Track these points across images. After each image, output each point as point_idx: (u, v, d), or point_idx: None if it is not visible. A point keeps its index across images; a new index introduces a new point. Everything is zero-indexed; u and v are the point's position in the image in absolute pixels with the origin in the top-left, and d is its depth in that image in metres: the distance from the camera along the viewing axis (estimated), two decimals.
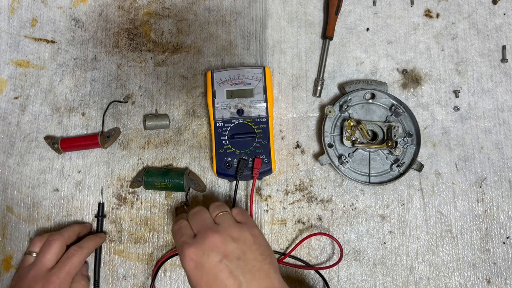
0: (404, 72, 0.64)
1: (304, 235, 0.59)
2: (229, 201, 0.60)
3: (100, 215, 0.59)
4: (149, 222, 0.60)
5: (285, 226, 0.60)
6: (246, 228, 0.47)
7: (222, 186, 0.61)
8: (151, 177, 0.57)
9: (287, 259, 0.58)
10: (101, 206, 0.59)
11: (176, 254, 0.58)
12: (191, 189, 0.59)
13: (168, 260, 0.58)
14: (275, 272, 0.46)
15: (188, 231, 0.48)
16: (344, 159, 0.59)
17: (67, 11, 0.66)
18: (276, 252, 0.58)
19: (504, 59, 0.65)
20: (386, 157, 0.60)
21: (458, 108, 0.63)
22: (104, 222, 0.59)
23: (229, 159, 0.58)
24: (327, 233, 0.59)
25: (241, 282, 0.43)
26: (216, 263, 0.44)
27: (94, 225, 0.60)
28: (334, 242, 0.58)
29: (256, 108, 0.59)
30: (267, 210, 0.60)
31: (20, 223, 0.60)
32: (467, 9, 0.66)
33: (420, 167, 0.59)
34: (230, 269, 0.43)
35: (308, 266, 0.58)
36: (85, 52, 0.64)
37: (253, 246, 0.46)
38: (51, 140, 0.61)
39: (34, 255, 0.54)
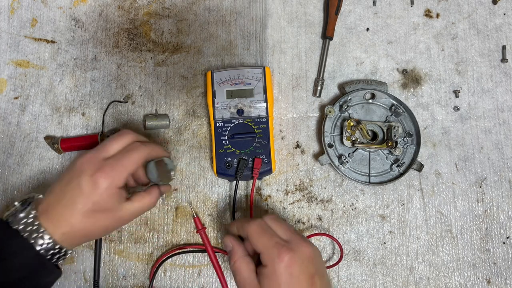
0: (404, 72, 0.64)
1: (304, 235, 0.59)
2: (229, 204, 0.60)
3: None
4: (149, 222, 0.60)
5: None
6: (317, 248, 0.48)
7: (222, 186, 0.61)
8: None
9: None
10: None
11: (174, 254, 0.58)
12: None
13: (168, 260, 0.58)
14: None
15: (277, 234, 0.46)
16: (344, 159, 0.59)
17: (67, 11, 0.66)
18: None
19: (504, 59, 0.65)
20: (386, 157, 0.60)
21: (458, 108, 0.63)
22: None
23: (229, 159, 0.58)
24: (327, 233, 0.59)
25: None
26: (311, 276, 0.44)
27: None
28: (334, 242, 0.58)
29: (256, 108, 0.59)
30: (267, 210, 0.60)
31: None
32: (467, 9, 0.66)
33: (420, 167, 0.59)
34: (319, 286, 0.44)
35: None
36: (85, 52, 0.64)
37: (325, 268, 0.48)
38: (51, 140, 0.61)
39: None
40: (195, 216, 0.58)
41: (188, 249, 0.58)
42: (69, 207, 0.44)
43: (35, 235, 0.43)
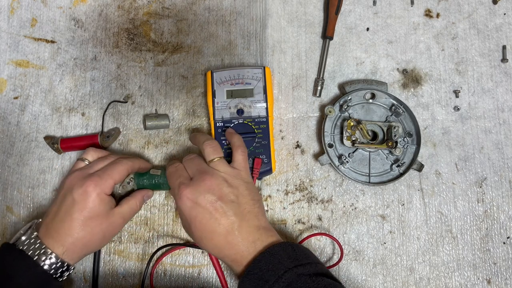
0: (404, 72, 0.64)
1: (304, 235, 0.59)
2: None
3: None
4: (149, 222, 0.59)
5: (285, 226, 0.60)
6: (239, 175, 0.51)
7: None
8: (142, 179, 0.57)
9: None
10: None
11: (168, 245, 0.58)
12: None
13: (168, 260, 0.58)
14: (263, 215, 0.51)
15: (184, 174, 0.52)
16: (344, 159, 0.59)
17: (67, 11, 0.66)
18: None
19: (504, 59, 0.65)
20: (386, 157, 0.60)
21: (458, 108, 0.63)
22: None
23: (229, 159, 0.57)
24: (327, 233, 0.59)
25: (233, 221, 0.48)
26: (211, 203, 0.48)
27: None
28: (334, 242, 0.58)
29: (256, 108, 0.59)
30: (267, 210, 0.60)
31: (20, 223, 0.60)
32: (467, 9, 0.66)
33: (420, 167, 0.59)
34: (224, 210, 0.48)
35: None
36: (85, 52, 0.64)
37: (245, 191, 0.50)
38: (51, 140, 0.60)
39: (87, 162, 0.55)
40: None
41: (178, 243, 0.58)
42: (66, 220, 0.49)
43: (38, 252, 0.48)
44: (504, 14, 0.66)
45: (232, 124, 0.58)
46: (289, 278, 0.44)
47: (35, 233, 0.50)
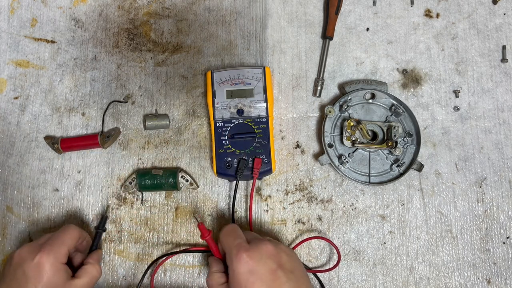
0: (404, 72, 0.64)
1: (304, 236, 0.59)
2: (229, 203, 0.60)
3: (100, 228, 0.57)
4: (149, 222, 0.60)
5: (285, 226, 0.60)
6: (290, 248, 0.50)
7: (222, 186, 0.61)
8: (144, 179, 0.57)
9: None
10: (104, 219, 0.58)
11: (174, 253, 0.58)
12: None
13: (168, 260, 0.58)
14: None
15: (243, 236, 0.49)
16: (344, 159, 0.59)
17: (67, 11, 0.66)
18: None
19: (504, 59, 0.65)
20: (386, 157, 0.60)
21: (458, 108, 0.63)
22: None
23: (229, 159, 0.57)
24: (324, 236, 0.59)
25: None
26: (272, 270, 0.44)
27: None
28: (333, 246, 0.58)
29: (256, 108, 0.59)
30: (267, 210, 0.60)
31: (20, 223, 0.60)
32: (467, 9, 0.66)
33: (420, 167, 0.59)
34: (284, 280, 0.44)
35: (306, 268, 0.58)
36: (85, 52, 0.64)
37: (300, 264, 0.49)
38: (51, 140, 0.61)
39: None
40: (199, 223, 0.53)
41: (188, 249, 0.58)
42: None
43: None
44: (504, 14, 0.66)
45: (232, 124, 0.58)
46: None
47: None
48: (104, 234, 0.59)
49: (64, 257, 0.48)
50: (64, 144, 0.60)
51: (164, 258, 0.57)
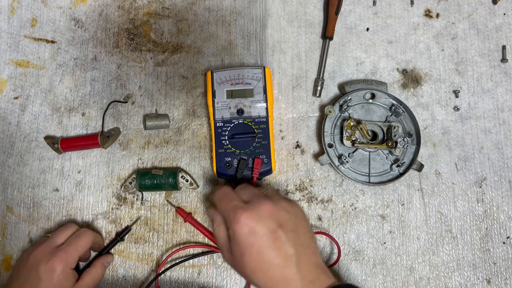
0: (404, 72, 0.64)
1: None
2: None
3: (120, 237, 0.58)
4: (149, 222, 0.60)
5: None
6: (295, 204, 0.48)
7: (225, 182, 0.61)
8: (144, 179, 0.57)
9: None
10: (128, 230, 0.59)
11: (180, 261, 0.58)
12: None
13: (168, 259, 0.58)
14: (319, 252, 0.46)
15: (238, 197, 0.47)
16: (344, 159, 0.59)
17: (67, 11, 0.66)
18: None
19: (504, 59, 0.65)
20: (386, 157, 0.60)
21: (458, 108, 0.63)
22: (104, 222, 0.59)
23: (229, 159, 0.57)
24: (326, 232, 0.59)
25: (292, 254, 0.43)
26: (272, 230, 0.43)
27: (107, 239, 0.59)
28: (334, 242, 0.58)
29: (256, 108, 0.59)
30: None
31: (20, 223, 0.60)
32: (467, 9, 0.66)
33: (420, 167, 0.59)
34: (284, 239, 0.43)
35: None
36: (85, 52, 0.64)
37: (303, 221, 0.46)
38: (51, 140, 0.61)
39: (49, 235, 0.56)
40: (176, 209, 0.59)
41: (196, 252, 0.58)
42: None
43: None
44: (504, 14, 0.66)
45: (232, 124, 0.58)
46: None
47: None
48: (104, 233, 0.59)
49: (74, 263, 0.51)
50: (64, 144, 0.60)
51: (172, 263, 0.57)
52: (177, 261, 0.58)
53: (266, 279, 0.43)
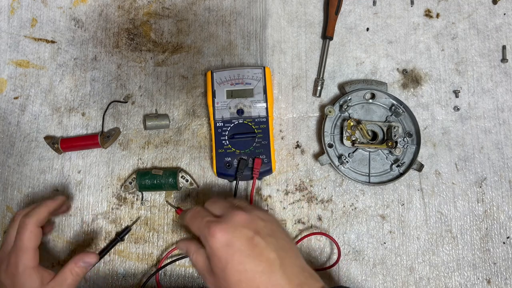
0: (404, 72, 0.64)
1: (304, 234, 0.59)
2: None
3: (120, 237, 0.58)
4: (149, 222, 0.60)
5: (285, 226, 0.60)
6: (267, 212, 0.48)
7: (222, 186, 0.61)
8: (144, 179, 0.57)
9: None
10: (128, 230, 0.58)
11: (180, 258, 0.58)
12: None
13: (168, 260, 0.58)
14: (301, 255, 0.46)
15: (209, 213, 0.47)
16: (344, 159, 0.59)
17: (67, 11, 0.66)
18: None
19: (504, 59, 0.65)
20: (386, 157, 0.60)
21: (458, 108, 0.63)
22: (104, 222, 0.59)
23: (229, 159, 0.57)
24: (325, 233, 0.59)
25: (274, 258, 0.42)
26: (249, 239, 0.42)
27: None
28: (333, 242, 0.58)
29: (256, 108, 0.59)
30: (267, 210, 0.60)
31: None
32: (467, 9, 0.66)
33: (420, 167, 0.59)
34: (263, 245, 0.42)
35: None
36: (85, 52, 0.64)
37: (279, 227, 0.47)
38: (51, 140, 0.61)
39: None
40: (176, 209, 0.57)
41: None
42: None
43: None
44: (504, 14, 0.66)
45: (232, 124, 0.58)
46: None
47: None
48: (104, 233, 0.59)
49: (33, 260, 0.48)
50: (64, 144, 0.60)
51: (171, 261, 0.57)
52: (179, 257, 0.57)
53: None
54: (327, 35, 0.64)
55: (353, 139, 0.59)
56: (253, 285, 0.41)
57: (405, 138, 0.60)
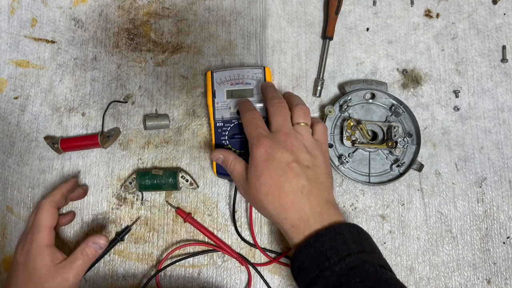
0: (404, 72, 0.64)
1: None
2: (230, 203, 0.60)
3: (120, 237, 0.58)
4: (149, 222, 0.60)
5: None
6: (320, 146, 0.51)
7: (222, 186, 0.61)
8: (144, 179, 0.57)
9: (284, 259, 0.58)
10: (128, 230, 0.59)
11: (179, 260, 0.58)
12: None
13: (168, 261, 0.58)
14: (332, 192, 0.49)
15: (265, 127, 0.51)
16: (344, 159, 0.59)
17: (67, 11, 0.66)
18: (275, 252, 0.58)
19: (504, 59, 0.65)
20: (386, 157, 0.60)
21: (458, 108, 0.63)
22: (104, 222, 0.59)
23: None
24: None
25: (304, 185, 0.46)
26: (287, 161, 0.47)
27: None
28: None
29: (256, 108, 0.59)
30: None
31: (20, 223, 0.60)
32: (467, 9, 0.66)
33: (420, 167, 0.59)
34: (298, 172, 0.46)
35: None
36: (85, 52, 0.64)
37: (322, 163, 0.49)
38: (51, 140, 0.61)
39: None
40: (175, 209, 0.59)
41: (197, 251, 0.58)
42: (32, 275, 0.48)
43: None
44: (504, 14, 0.66)
45: (232, 124, 0.58)
46: (352, 262, 0.42)
47: None
48: (104, 233, 0.59)
49: (48, 238, 0.50)
50: (64, 144, 0.60)
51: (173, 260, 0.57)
52: (178, 258, 0.58)
53: (276, 204, 0.46)
54: (327, 35, 0.64)
55: (353, 139, 0.59)
56: (278, 201, 0.46)
57: (405, 138, 0.60)
